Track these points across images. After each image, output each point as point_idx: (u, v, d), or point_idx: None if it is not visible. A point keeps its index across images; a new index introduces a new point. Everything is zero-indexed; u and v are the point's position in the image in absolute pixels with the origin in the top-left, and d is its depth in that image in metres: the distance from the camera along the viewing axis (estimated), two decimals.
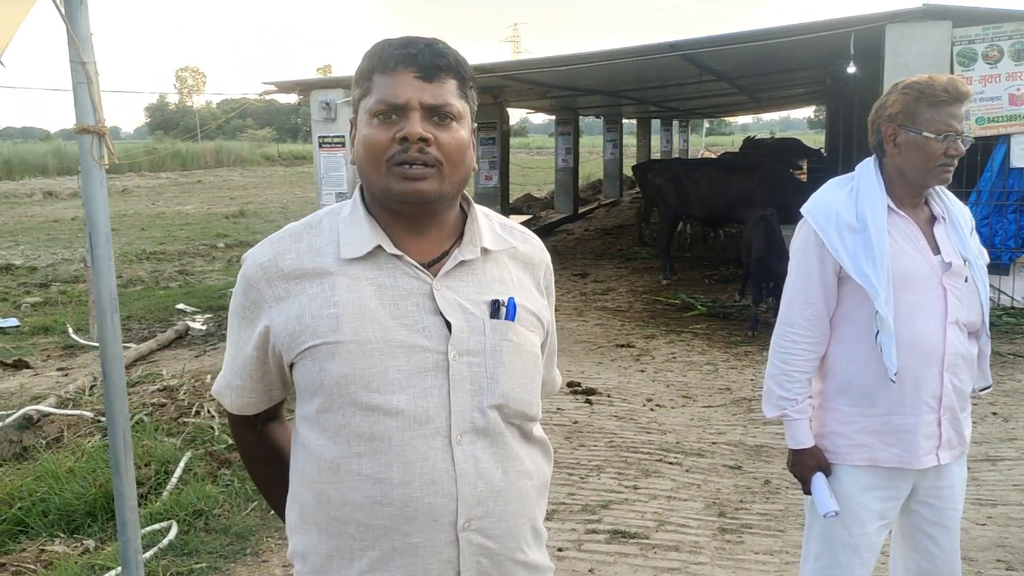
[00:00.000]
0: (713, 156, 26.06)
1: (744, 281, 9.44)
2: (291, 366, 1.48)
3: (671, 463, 4.91)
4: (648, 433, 5.47)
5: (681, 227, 13.29)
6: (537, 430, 1.57)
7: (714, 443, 5.26)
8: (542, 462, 1.57)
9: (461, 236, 1.52)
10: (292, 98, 10.78)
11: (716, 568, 3.70)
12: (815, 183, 10.93)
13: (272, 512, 4.33)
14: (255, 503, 4.43)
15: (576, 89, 14.29)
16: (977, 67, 8.06)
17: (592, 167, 29.29)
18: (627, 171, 25.07)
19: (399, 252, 1.46)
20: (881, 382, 2.27)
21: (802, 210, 2.39)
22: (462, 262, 1.49)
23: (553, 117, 20.61)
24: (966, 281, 2.30)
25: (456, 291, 1.47)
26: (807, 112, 59.58)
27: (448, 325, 1.44)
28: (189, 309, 11.49)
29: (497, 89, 12.68)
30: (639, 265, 12.32)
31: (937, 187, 2.33)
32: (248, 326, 1.51)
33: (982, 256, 2.37)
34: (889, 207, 2.29)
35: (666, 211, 11.34)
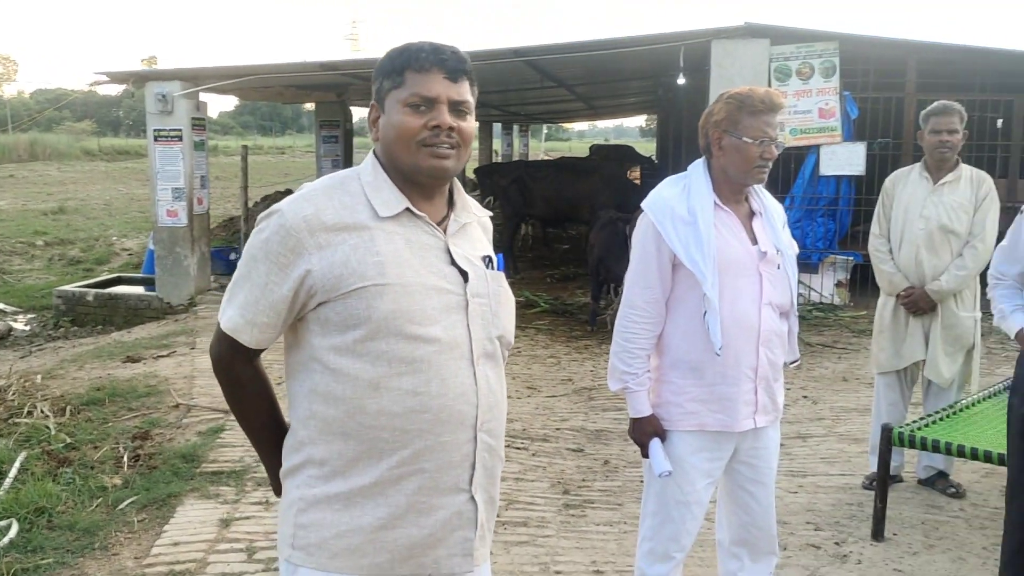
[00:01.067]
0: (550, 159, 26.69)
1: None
2: (320, 304, 1.72)
3: (519, 448, 5.17)
4: None
5: (524, 228, 13.67)
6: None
7: (558, 429, 5.56)
8: None
9: (451, 203, 1.86)
10: (115, 90, 10.42)
11: (561, 539, 3.97)
12: (648, 189, 11.53)
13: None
14: (100, 500, 4.36)
15: None
16: (792, 82, 8.79)
17: None
18: (469, 173, 25.35)
19: (421, 213, 1.78)
20: (708, 356, 2.58)
21: (642, 205, 2.67)
22: (462, 225, 1.85)
23: None
24: (778, 268, 2.65)
25: (460, 247, 1.83)
26: (639, 121, 62.06)
27: (463, 273, 1.79)
28: (9, 309, 10.88)
29: (342, 87, 12.67)
30: None
31: (755, 186, 2.66)
32: (281, 270, 1.72)
33: (792, 247, 2.73)
34: (715, 203, 2.60)
35: (510, 212, 11.66)
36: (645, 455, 2.70)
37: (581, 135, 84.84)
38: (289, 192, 18.99)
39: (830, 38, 8.75)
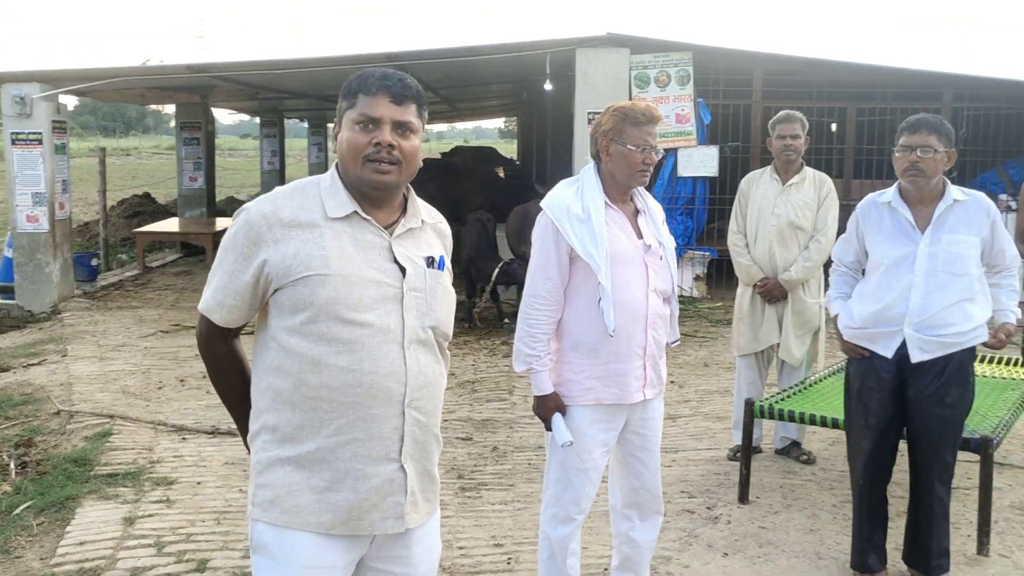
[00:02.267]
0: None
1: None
2: (276, 291, 1.98)
3: None
4: None
5: None
6: (446, 348, 2.19)
7: (446, 420, 5.82)
8: (446, 369, 2.21)
9: (405, 210, 2.11)
10: None
11: (461, 519, 4.25)
12: (509, 190, 11.95)
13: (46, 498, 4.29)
14: None
15: (286, 92, 14.37)
16: (651, 89, 9.36)
17: (294, 170, 29.04)
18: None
19: (368, 217, 2.03)
20: (603, 338, 2.92)
21: (541, 204, 2.99)
22: (409, 228, 2.09)
23: (248, 118, 20.32)
24: (661, 259, 3.02)
25: (404, 248, 2.07)
26: (498, 123, 62.95)
27: (403, 270, 2.04)
28: None
29: (207, 89, 12.50)
30: None
31: (639, 187, 3.02)
32: (245, 259, 1.99)
33: (670, 241, 3.10)
34: (606, 202, 2.95)
35: None
36: (548, 428, 3.01)
37: (440, 136, 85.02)
38: (147, 196, 18.45)
39: (685, 48, 9.36)
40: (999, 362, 5.46)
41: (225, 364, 2.15)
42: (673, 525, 4.13)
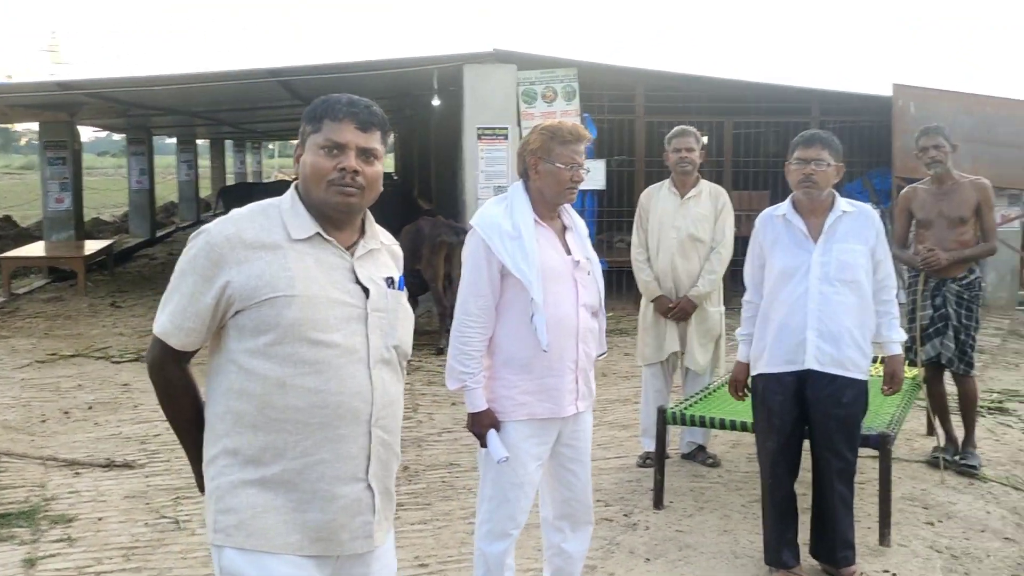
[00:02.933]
0: (289, 179, 26.22)
1: None
2: (237, 312, 1.97)
3: None
4: None
5: None
6: (405, 366, 2.22)
7: None
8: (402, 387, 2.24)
9: (363, 232, 2.13)
10: None
11: None
12: (389, 204, 11.89)
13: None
14: None
15: (158, 108, 13.89)
16: (538, 105, 9.51)
17: (163, 189, 27.99)
18: (204, 193, 24.48)
19: (330, 238, 2.04)
20: (536, 353, 2.96)
21: (471, 222, 3.01)
22: (369, 250, 2.12)
23: (106, 135, 19.49)
24: (588, 274, 3.09)
25: (366, 269, 2.09)
26: None
27: (365, 290, 2.06)
28: None
29: (75, 107, 11.94)
30: None
31: (566, 204, 3.08)
32: (206, 281, 1.97)
33: (596, 256, 3.17)
34: (535, 220, 2.99)
35: None
36: (483, 445, 3.02)
37: None
38: (8, 219, 17.45)
39: (570, 65, 9.56)
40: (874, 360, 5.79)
41: (179, 389, 2.10)
42: (594, 534, 4.16)
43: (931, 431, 5.58)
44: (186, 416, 2.11)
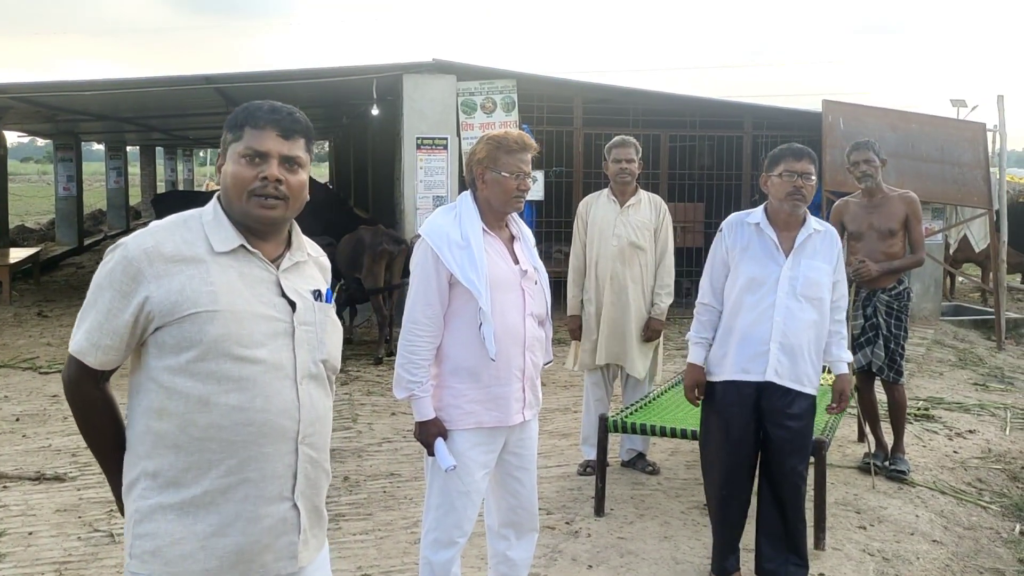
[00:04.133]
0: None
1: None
2: (157, 329, 1.89)
3: None
4: None
5: None
6: (334, 380, 2.16)
7: None
8: (331, 401, 2.17)
9: (289, 243, 2.07)
10: None
11: None
12: (320, 214, 11.82)
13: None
14: None
15: (87, 114, 13.55)
16: (477, 115, 9.55)
17: (91, 196, 27.27)
18: (134, 200, 23.89)
19: (255, 251, 1.98)
20: (483, 362, 2.97)
21: (420, 231, 3.01)
22: (296, 262, 2.06)
23: (28, 140, 18.88)
24: (536, 284, 3.11)
25: (292, 281, 2.03)
26: None
27: (292, 304, 2.00)
28: None
29: (1, 111, 11.59)
30: None
31: (513, 214, 3.10)
32: (123, 297, 1.88)
33: (542, 265, 3.20)
34: (484, 229, 3.01)
35: None
36: (431, 454, 3.02)
37: None
38: None
39: (509, 76, 9.62)
40: (823, 370, 5.93)
41: (98, 410, 2.00)
42: (537, 542, 4.21)
43: (862, 437, 5.74)
44: (105, 437, 2.02)
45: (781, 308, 3.56)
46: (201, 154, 44.23)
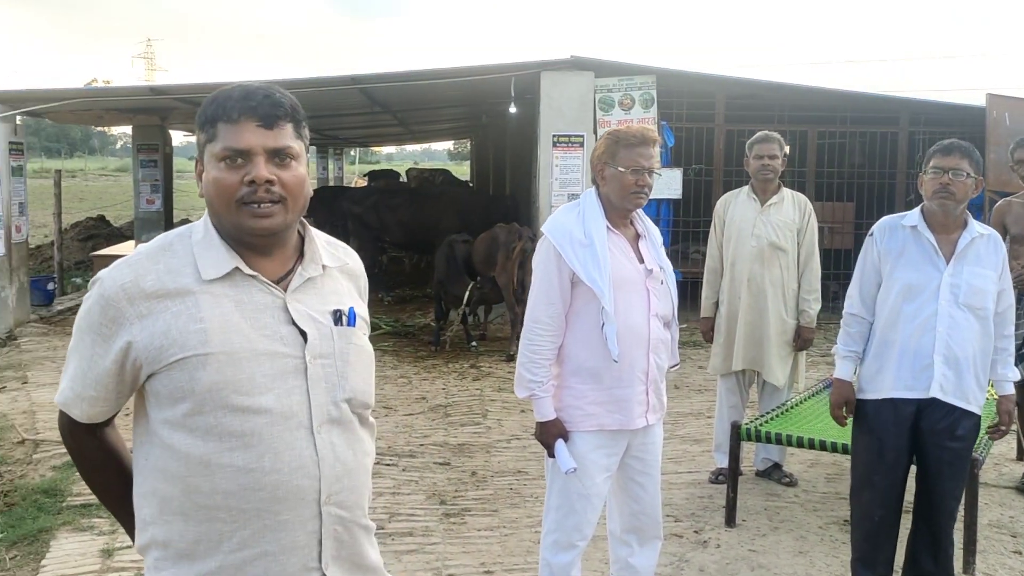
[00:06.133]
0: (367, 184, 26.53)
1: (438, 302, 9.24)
2: (150, 376, 1.62)
3: (388, 465, 5.32)
4: None
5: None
6: (369, 415, 1.82)
7: (422, 445, 5.76)
8: (372, 441, 1.83)
9: (302, 254, 1.73)
10: None
11: (448, 545, 4.18)
12: (469, 212, 11.99)
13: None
14: None
15: None
16: (615, 112, 9.42)
17: None
18: None
19: (254, 272, 1.66)
20: (605, 363, 2.90)
21: (543, 229, 2.97)
22: (308, 279, 1.72)
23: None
24: (662, 284, 3.02)
25: (304, 303, 1.70)
26: (446, 144, 62.84)
27: (303, 334, 1.67)
28: None
29: (166, 111, 12.32)
30: None
31: (638, 211, 3.02)
32: (104, 342, 1.62)
33: (670, 265, 3.10)
34: (607, 227, 2.93)
35: (368, 237, 11.59)
36: (551, 455, 2.98)
37: (390, 158, 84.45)
38: (102, 218, 18.07)
39: (649, 72, 9.45)
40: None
41: (97, 462, 1.77)
42: (663, 550, 4.07)
43: (1021, 456, 5.34)
44: (113, 491, 1.78)
45: (944, 318, 3.22)
46: (352, 153, 45.89)
